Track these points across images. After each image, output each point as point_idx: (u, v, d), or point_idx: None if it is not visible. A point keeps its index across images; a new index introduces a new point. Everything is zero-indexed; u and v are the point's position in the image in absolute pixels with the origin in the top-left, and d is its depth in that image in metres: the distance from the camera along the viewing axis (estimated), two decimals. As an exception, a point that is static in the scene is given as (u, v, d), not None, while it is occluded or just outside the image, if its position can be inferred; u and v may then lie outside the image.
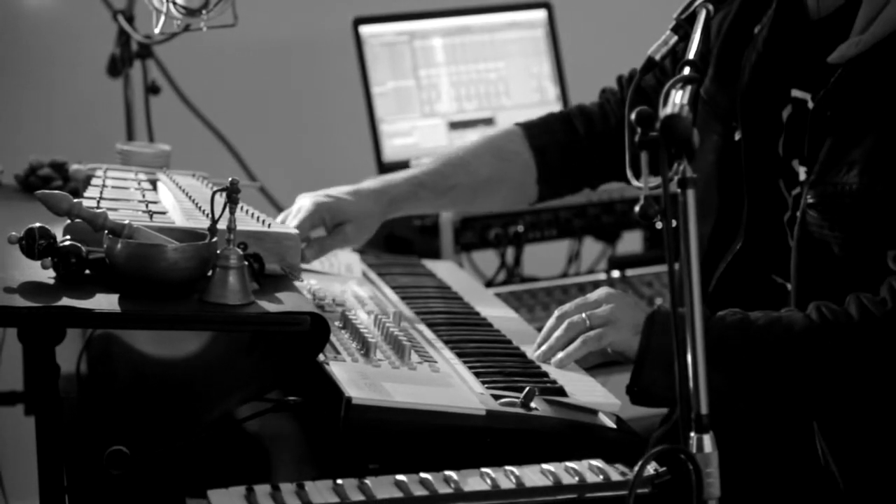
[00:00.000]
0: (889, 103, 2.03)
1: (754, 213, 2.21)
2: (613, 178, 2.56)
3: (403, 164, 3.43)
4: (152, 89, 3.40)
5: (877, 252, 2.04)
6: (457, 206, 2.56)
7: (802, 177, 2.14)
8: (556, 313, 2.16)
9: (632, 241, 3.53)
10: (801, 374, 2.02)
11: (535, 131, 2.54)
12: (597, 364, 2.18)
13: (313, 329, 1.90)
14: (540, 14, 3.60)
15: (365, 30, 3.46)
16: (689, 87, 1.73)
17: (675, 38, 2.13)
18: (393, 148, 3.44)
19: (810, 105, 2.13)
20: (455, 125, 3.51)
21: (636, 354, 2.06)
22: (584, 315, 2.11)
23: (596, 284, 3.18)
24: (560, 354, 2.12)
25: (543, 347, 2.14)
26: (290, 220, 2.41)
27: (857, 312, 2.01)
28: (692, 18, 2.11)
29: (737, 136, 2.23)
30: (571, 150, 2.53)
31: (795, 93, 2.18)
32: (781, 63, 2.20)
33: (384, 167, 3.41)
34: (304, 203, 2.42)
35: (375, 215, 2.44)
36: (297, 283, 2.11)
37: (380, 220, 2.45)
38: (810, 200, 2.09)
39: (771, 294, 2.19)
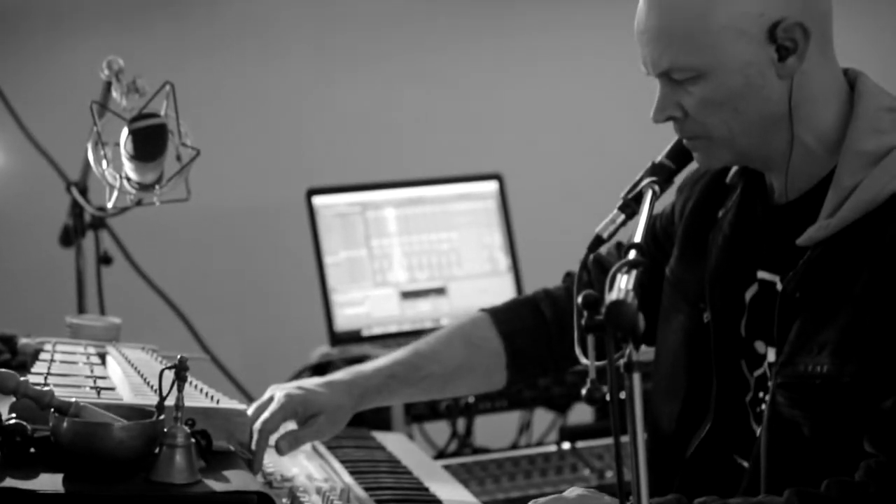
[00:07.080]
0: (859, 285, 2.02)
1: (722, 394, 2.20)
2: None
3: (355, 334, 3.44)
4: (104, 259, 3.40)
5: (847, 434, 2.01)
6: (428, 396, 2.55)
7: (772, 357, 2.12)
8: None
9: (583, 412, 3.53)
10: None
11: (503, 317, 2.53)
12: None
13: (260, 509, 1.88)
14: (491, 185, 3.64)
15: (318, 200, 3.49)
16: (634, 272, 1.74)
17: (623, 216, 2.15)
18: (345, 317, 3.45)
19: (779, 287, 2.12)
20: (407, 295, 3.53)
21: None
22: None
23: (546, 457, 3.18)
24: None
25: None
26: (262, 413, 2.35)
27: (842, 498, 1.96)
28: (639, 198, 2.14)
29: (705, 318, 2.22)
30: (539, 335, 2.52)
31: (762, 274, 2.17)
32: (748, 245, 2.20)
33: (336, 336, 3.42)
34: (275, 395, 2.38)
35: (347, 407, 2.42)
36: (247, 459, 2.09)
37: (352, 412, 2.42)
38: (780, 381, 2.08)
39: (733, 475, 2.17)
